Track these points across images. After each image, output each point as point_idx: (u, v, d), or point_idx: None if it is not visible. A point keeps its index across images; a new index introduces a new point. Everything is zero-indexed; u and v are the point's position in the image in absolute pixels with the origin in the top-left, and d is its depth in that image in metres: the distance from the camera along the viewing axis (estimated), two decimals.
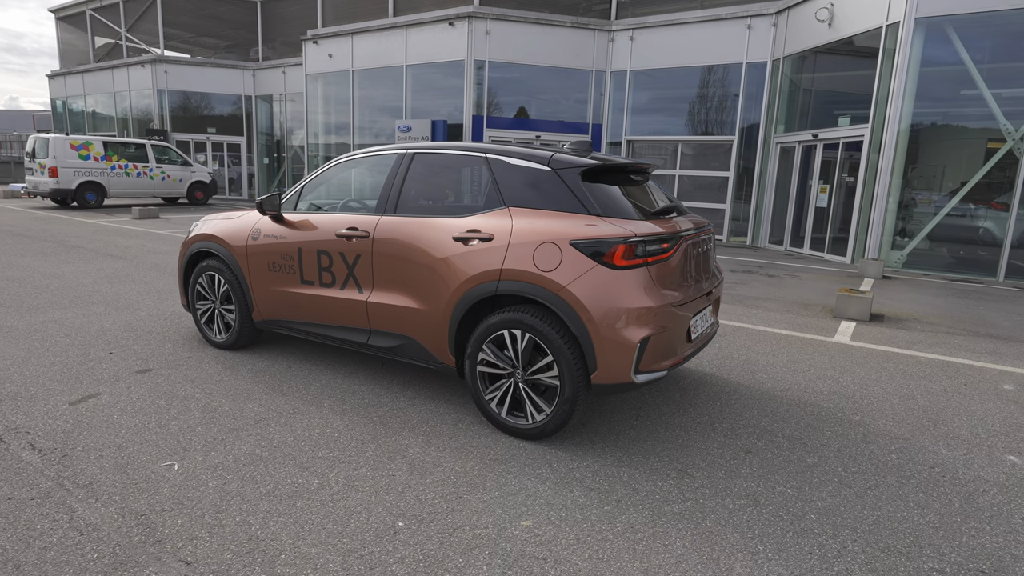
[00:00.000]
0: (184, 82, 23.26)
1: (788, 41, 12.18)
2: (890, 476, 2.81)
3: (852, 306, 5.94)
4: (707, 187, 14.08)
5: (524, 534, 2.26)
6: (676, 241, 2.98)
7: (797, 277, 8.67)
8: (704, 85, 13.73)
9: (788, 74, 12.41)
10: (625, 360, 2.75)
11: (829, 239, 11.17)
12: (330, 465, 2.72)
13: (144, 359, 4.04)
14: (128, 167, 16.48)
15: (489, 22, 14.20)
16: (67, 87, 27.68)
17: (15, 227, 11.04)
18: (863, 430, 3.32)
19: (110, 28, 25.73)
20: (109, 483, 2.49)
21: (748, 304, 6.56)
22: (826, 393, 3.88)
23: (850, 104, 11.02)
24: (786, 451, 3.03)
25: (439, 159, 3.45)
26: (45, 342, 4.32)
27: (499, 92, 14.89)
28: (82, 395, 3.39)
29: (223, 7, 24.19)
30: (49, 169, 15.12)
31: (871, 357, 4.73)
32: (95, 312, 5.21)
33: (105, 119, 25.80)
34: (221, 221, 4.25)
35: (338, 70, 17.12)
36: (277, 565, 2.03)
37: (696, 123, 14.01)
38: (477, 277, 3.02)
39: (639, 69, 14.44)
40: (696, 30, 13.52)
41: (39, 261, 7.61)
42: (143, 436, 2.92)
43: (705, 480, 2.71)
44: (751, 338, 5.16)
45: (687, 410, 3.52)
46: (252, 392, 3.54)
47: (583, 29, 14.55)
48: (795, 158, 12.18)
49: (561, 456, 2.89)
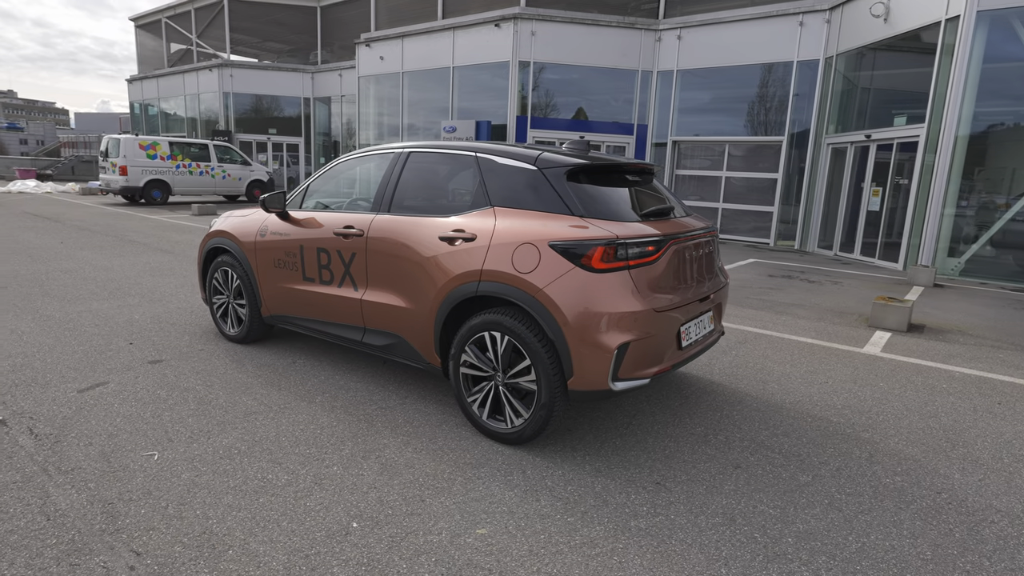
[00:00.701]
0: (248, 85, 24.37)
1: (842, 38, 11.55)
2: (888, 500, 2.59)
3: (889, 315, 5.56)
4: (755, 189, 13.55)
5: (476, 542, 2.21)
6: (664, 244, 2.85)
7: (839, 283, 8.19)
8: (753, 84, 13.22)
9: (841, 72, 11.77)
10: (601, 366, 2.65)
11: (881, 244, 10.51)
12: (303, 462, 2.75)
13: (159, 350, 4.23)
14: (191, 166, 17.41)
15: (535, 23, 14.16)
16: (144, 91, 29.55)
17: (83, 222, 11.84)
18: (870, 449, 3.08)
19: (183, 35, 27.31)
20: (89, 470, 2.60)
21: (778, 310, 6.25)
22: (839, 407, 3.63)
23: (906, 103, 10.33)
24: (779, 468, 2.85)
25: (432, 158, 3.44)
26: (75, 331, 4.59)
27: (544, 93, 14.83)
28: (91, 383, 3.57)
29: (286, 13, 25.20)
30: (119, 168, 16.16)
31: (899, 370, 4.40)
32: (129, 304, 5.50)
33: (177, 120, 27.39)
34: (235, 218, 4.40)
35: (389, 72, 17.50)
36: (222, 561, 2.06)
37: (744, 123, 13.51)
38: (459, 277, 2.99)
39: (686, 68, 14.05)
40: (746, 28, 13.03)
41: (94, 254, 8.12)
42: (135, 425, 3.05)
43: (682, 495, 2.58)
44: (772, 346, 4.90)
45: (683, 420, 3.37)
46: (250, 386, 3.64)
47: (629, 29, 14.29)
48: (847, 159, 11.55)
49: (537, 463, 2.82)
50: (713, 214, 14.04)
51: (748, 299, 6.80)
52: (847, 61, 11.64)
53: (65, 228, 10.80)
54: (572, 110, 14.95)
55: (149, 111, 29.45)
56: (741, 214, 13.74)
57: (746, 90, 13.34)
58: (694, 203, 14.44)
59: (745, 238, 13.51)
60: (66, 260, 7.60)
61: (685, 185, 14.69)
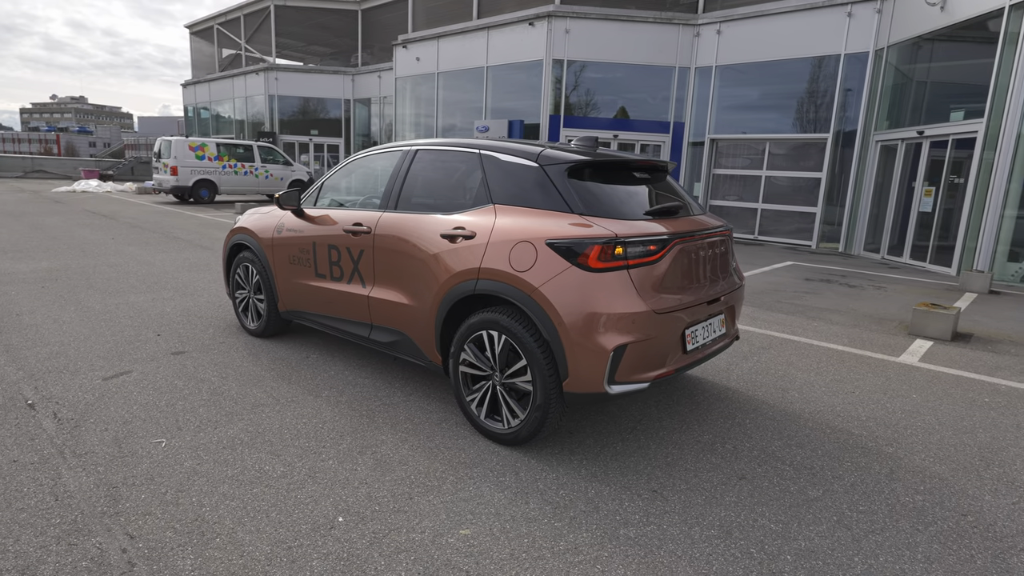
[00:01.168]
0: (291, 88, 25.11)
1: (894, 28, 10.98)
2: (904, 520, 2.42)
3: (931, 322, 5.23)
4: (797, 189, 13.05)
5: (458, 543, 2.18)
6: (667, 243, 2.75)
7: (882, 288, 7.79)
8: (797, 79, 12.73)
9: (893, 64, 11.19)
10: (597, 369, 2.58)
11: (933, 248, 9.94)
12: (301, 454, 2.79)
13: (183, 342, 4.38)
14: (236, 166, 18.06)
15: (569, 20, 14.05)
16: (196, 95, 30.87)
17: (134, 219, 12.44)
18: (892, 464, 2.89)
19: (233, 40, 28.40)
20: (101, 455, 2.71)
21: (811, 316, 5.98)
22: (863, 419, 3.43)
23: (963, 97, 9.74)
24: (787, 480, 2.71)
25: (438, 156, 3.44)
26: (110, 322, 4.80)
27: (577, 91, 14.70)
28: (116, 372, 3.73)
29: (329, 17, 25.87)
30: (171, 168, 16.92)
31: (936, 381, 4.13)
32: (163, 297, 5.72)
33: (226, 122, 28.50)
34: (256, 215, 4.52)
35: (424, 72, 17.70)
36: (208, 548, 2.10)
37: (787, 120, 13.02)
38: (459, 275, 2.97)
39: (726, 64, 13.66)
40: (789, 20, 12.57)
41: (140, 250, 8.51)
42: (149, 413, 3.15)
43: (679, 504, 2.48)
44: (798, 352, 4.69)
45: (691, 426, 3.25)
46: (262, 378, 3.72)
47: (666, 24, 14.00)
48: (898, 157, 10.97)
49: (532, 464, 2.77)
50: (752, 215, 13.61)
51: (779, 303, 6.54)
52: (899, 53, 11.07)
53: (118, 225, 11.36)
54: (606, 108, 14.76)
55: (201, 114, 30.75)
56: (782, 215, 13.26)
57: (789, 85, 12.86)
58: (732, 203, 14.03)
59: (785, 240, 13.03)
60: (114, 255, 7.99)
61: (723, 185, 14.29)
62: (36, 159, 28.57)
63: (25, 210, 13.03)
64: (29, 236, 9.24)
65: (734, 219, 13.98)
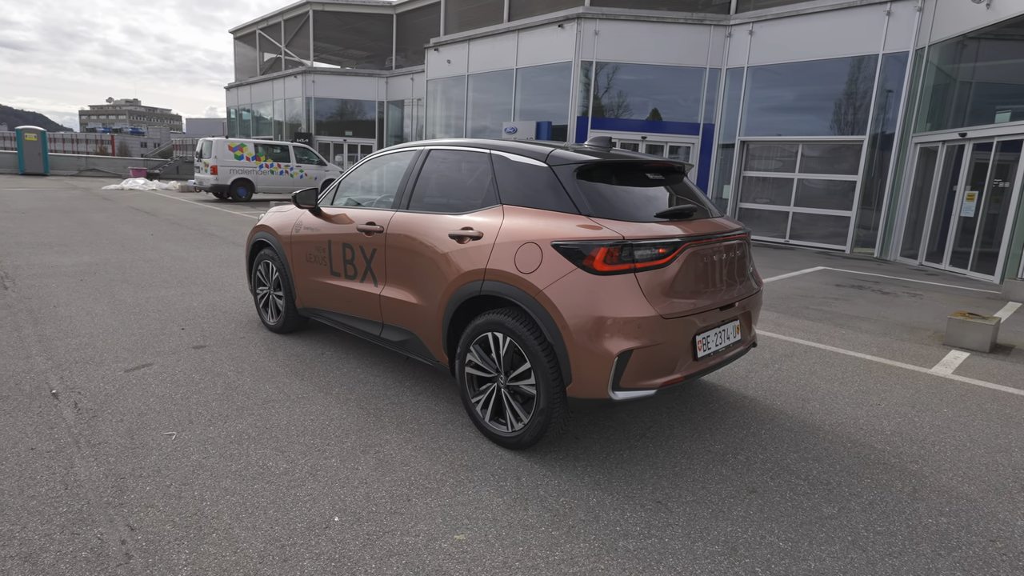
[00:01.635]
0: (328, 90, 25.61)
1: (936, 27, 10.55)
2: (926, 544, 2.29)
3: (967, 332, 4.98)
4: (831, 192, 12.65)
5: (451, 548, 2.15)
6: (677, 246, 2.67)
7: (918, 296, 7.47)
8: (832, 80, 12.34)
9: (934, 64, 10.74)
10: (601, 374, 2.52)
11: (975, 254, 9.50)
12: (305, 452, 2.80)
13: (205, 336, 4.47)
14: (273, 166, 18.48)
15: (598, 22, 13.94)
16: (238, 97, 31.77)
17: (175, 216, 12.84)
18: (915, 483, 2.75)
19: (274, 44, 29.12)
20: (113, 445, 2.77)
21: (838, 323, 5.76)
22: (888, 434, 3.28)
23: (1010, 98, 9.29)
24: (801, 496, 2.60)
25: (449, 156, 3.43)
26: (139, 315, 4.94)
27: (606, 92, 14.57)
28: (138, 364, 3.83)
29: (365, 21, 26.31)
30: (211, 167, 17.42)
31: (970, 395, 3.92)
32: (192, 292, 5.87)
33: (266, 124, 29.23)
34: (277, 213, 4.59)
35: (455, 75, 17.81)
36: (203, 543, 2.12)
37: (821, 122, 12.64)
38: (465, 275, 2.95)
39: (758, 65, 13.36)
40: (825, 20, 12.20)
41: (176, 245, 8.77)
42: (164, 406, 3.22)
43: (683, 517, 2.40)
44: (822, 361, 4.52)
45: (703, 435, 3.16)
46: (276, 374, 3.77)
47: (697, 25, 13.76)
48: (938, 160, 10.53)
49: (535, 470, 2.73)
50: (783, 218, 13.25)
51: (806, 309, 6.33)
52: (942, 52, 10.62)
53: (158, 222, 11.74)
54: (635, 110, 14.58)
55: (243, 116, 31.61)
56: (815, 219, 12.87)
57: (824, 86, 12.47)
58: (763, 207, 13.69)
59: (818, 244, 12.64)
60: (151, 251, 8.25)
61: (753, 188, 13.96)
62: (90, 158, 29.80)
63: (75, 207, 13.57)
64: (75, 231, 9.62)
65: (765, 223, 13.64)
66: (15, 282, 5.88)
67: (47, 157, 25.70)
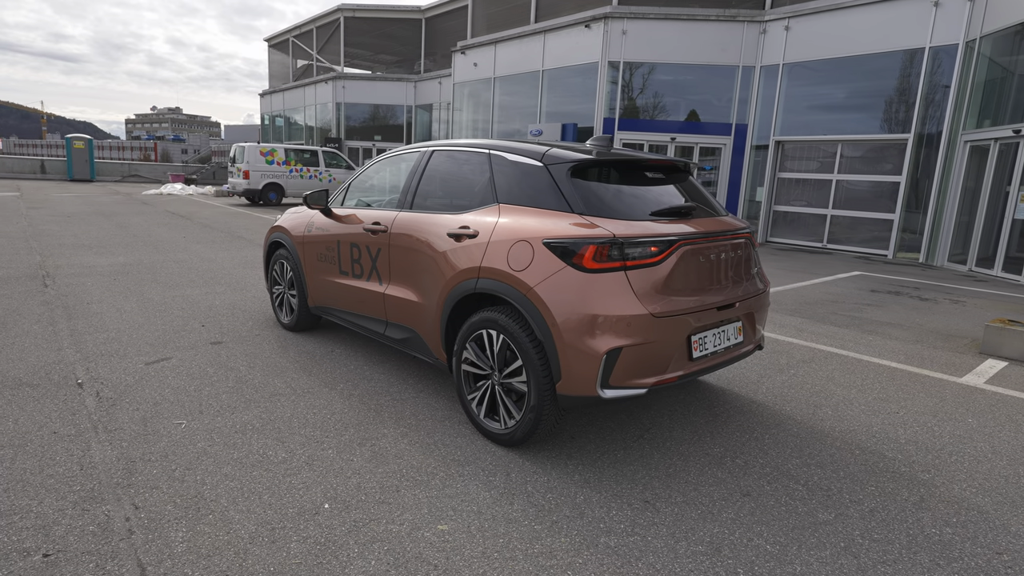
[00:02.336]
0: (358, 95, 26.15)
1: (988, 16, 10.05)
2: (924, 553, 2.20)
3: (1006, 340, 4.74)
4: (872, 194, 12.20)
5: (433, 537, 2.18)
6: (670, 245, 2.64)
7: (960, 303, 7.14)
8: (873, 76, 11.90)
9: (987, 57, 10.22)
10: (589, 371, 2.51)
11: None
12: (304, 443, 2.88)
13: (223, 333, 4.64)
14: (302, 171, 18.98)
15: (626, 21, 13.84)
16: (272, 103, 32.74)
17: (208, 220, 13.32)
18: (924, 492, 2.64)
19: (306, 51, 29.94)
20: (128, 431, 2.91)
21: (867, 329, 5.57)
22: (901, 442, 3.15)
23: None
24: (797, 501, 2.53)
25: (451, 156, 3.47)
26: (164, 312, 5.16)
27: (634, 93, 14.43)
28: (158, 357, 4.00)
29: (394, 26, 26.81)
30: (243, 172, 18.00)
31: (1001, 406, 3.74)
32: (215, 291, 6.09)
33: (298, 129, 30.05)
34: (291, 214, 4.72)
35: (482, 78, 17.96)
36: (200, 523, 2.21)
37: (861, 120, 12.20)
38: (462, 273, 2.98)
39: (794, 62, 13.01)
40: (866, 13, 11.80)
41: (205, 247, 9.10)
42: (178, 396, 3.36)
43: (670, 517, 2.37)
44: (842, 367, 4.38)
45: (703, 438, 3.10)
46: (285, 369, 3.88)
47: (730, 22, 13.51)
48: (990, 159, 10.02)
49: (525, 466, 2.73)
50: (820, 222, 12.85)
51: (833, 315, 6.13)
52: (995, 44, 10.09)
53: (191, 225, 12.20)
54: (664, 111, 14.40)
55: (276, 122, 32.56)
56: (855, 222, 12.43)
57: (865, 83, 12.05)
58: (799, 209, 13.31)
59: (858, 249, 12.21)
60: (182, 252, 8.58)
61: (789, 189, 13.59)
62: (132, 164, 31.19)
63: (116, 210, 14.23)
64: (114, 234, 10.09)
65: (801, 226, 13.26)
66: (55, 280, 6.21)
67: (93, 164, 26.99)
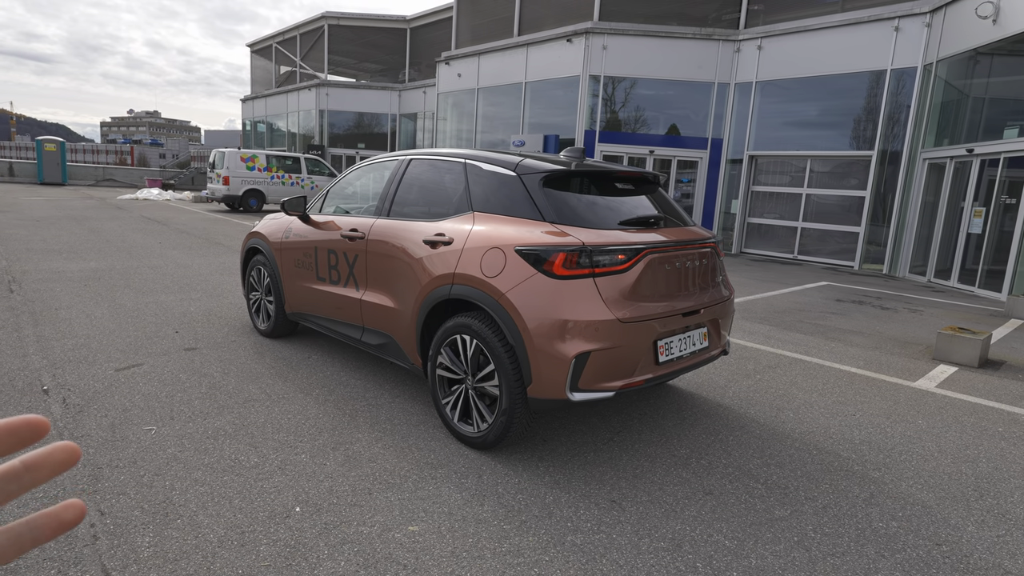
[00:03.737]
0: (341, 103, 26.10)
1: (944, 42, 10.54)
2: (871, 545, 2.31)
3: (957, 347, 4.96)
4: (840, 208, 12.60)
5: (403, 538, 2.23)
6: (637, 253, 2.75)
7: (918, 312, 7.41)
8: (840, 95, 12.35)
9: (943, 79, 10.72)
10: (559, 375, 2.59)
11: (982, 271, 9.39)
12: (277, 447, 2.90)
13: (198, 339, 4.62)
14: (284, 177, 18.86)
15: (607, 37, 14.12)
16: (254, 109, 32.48)
17: (185, 225, 13.16)
18: (874, 489, 2.77)
19: (289, 58, 29.82)
20: (96, 438, 2.90)
21: (830, 336, 5.76)
22: (856, 442, 3.29)
23: (1018, 114, 9.23)
24: (756, 499, 2.63)
25: (428, 165, 3.55)
26: (136, 319, 5.11)
27: (614, 106, 14.69)
28: (129, 364, 3.97)
29: (379, 35, 26.87)
30: (223, 178, 17.82)
31: (949, 408, 3.91)
32: (191, 297, 6.05)
33: (280, 136, 29.84)
34: (269, 220, 4.74)
35: (466, 88, 18.11)
36: (167, 528, 2.22)
37: (829, 137, 12.62)
38: (437, 280, 3.05)
39: (767, 80, 13.41)
40: (833, 35, 12.25)
41: (182, 253, 9.01)
42: (148, 402, 3.35)
43: (635, 515, 2.45)
44: (805, 373, 4.53)
45: (670, 441, 3.20)
46: (260, 375, 3.89)
47: (706, 40, 13.88)
48: (946, 176, 10.46)
49: (497, 468, 2.79)
50: (791, 234, 13.21)
51: (800, 323, 6.33)
52: (950, 67, 10.59)
53: (168, 231, 12.05)
54: (643, 124, 14.69)
55: (258, 128, 32.30)
56: (824, 234, 12.81)
57: (832, 101, 12.49)
58: (771, 222, 13.66)
59: (827, 260, 12.57)
60: (157, 258, 8.48)
61: (762, 202, 13.94)
62: (107, 168, 30.57)
63: (88, 215, 13.98)
64: (85, 239, 9.92)
65: (774, 238, 13.61)
66: (21, 286, 6.11)
67: (65, 167, 26.39)
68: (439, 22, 23.49)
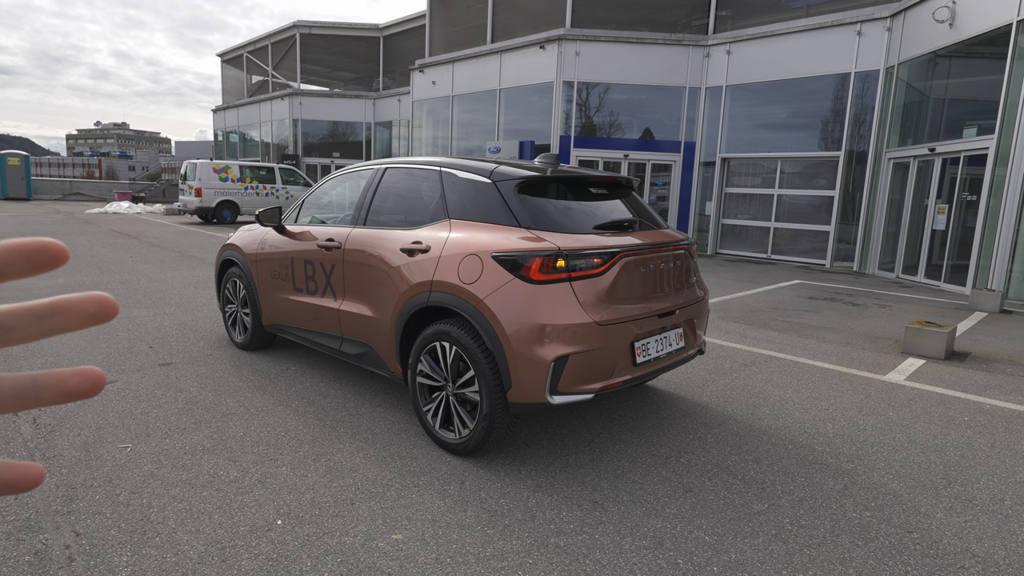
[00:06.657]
0: (315, 112, 25.90)
1: (904, 46, 10.90)
2: (845, 536, 2.38)
3: (924, 341, 5.11)
4: (810, 207, 12.90)
5: (387, 547, 2.23)
6: (612, 256, 2.80)
7: (887, 307, 7.62)
8: (807, 98, 12.69)
9: (904, 81, 11.08)
10: (538, 379, 2.62)
11: (947, 266, 9.71)
12: (257, 461, 2.87)
13: (172, 354, 4.54)
14: (258, 188, 18.63)
15: (579, 43, 14.28)
16: (226, 119, 32.05)
17: (157, 239, 12.92)
18: (847, 480, 2.85)
19: (261, 67, 29.52)
20: (68, 458, 2.83)
21: (803, 334, 5.89)
22: (830, 436, 3.38)
23: (976, 113, 9.58)
24: (734, 494, 2.69)
25: (403, 174, 3.56)
26: (108, 335, 5.01)
27: (588, 112, 14.85)
28: None
29: (352, 43, 26.75)
30: (195, 190, 17.53)
31: (918, 400, 4.03)
32: (164, 312, 5.94)
33: (253, 146, 29.48)
34: (244, 232, 4.69)
35: (440, 96, 18.13)
36: (146, 546, 2.19)
37: (798, 138, 12.94)
38: (415, 287, 3.05)
39: (736, 84, 13.70)
40: (798, 40, 12.58)
41: (154, 267, 8.84)
42: (123, 420, 3.29)
43: (617, 515, 2.49)
44: (780, 370, 4.63)
45: (650, 440, 3.25)
46: (238, 389, 3.84)
47: (677, 46, 14.13)
48: (910, 175, 10.80)
49: (480, 474, 2.80)
50: (765, 234, 13.48)
51: (774, 321, 6.46)
52: (911, 70, 10.95)
53: (139, 244, 11.81)
54: (617, 129, 14.87)
55: (231, 138, 31.88)
56: (796, 234, 13.10)
57: (800, 104, 12.82)
58: (745, 222, 13.92)
59: (799, 259, 12.85)
60: (128, 272, 8.31)
61: (735, 203, 14.20)
62: (74, 182, 29.85)
63: (55, 230, 13.64)
64: None
65: (747, 238, 13.86)
66: None
67: (30, 181, 25.70)
68: (412, 30, 23.50)
